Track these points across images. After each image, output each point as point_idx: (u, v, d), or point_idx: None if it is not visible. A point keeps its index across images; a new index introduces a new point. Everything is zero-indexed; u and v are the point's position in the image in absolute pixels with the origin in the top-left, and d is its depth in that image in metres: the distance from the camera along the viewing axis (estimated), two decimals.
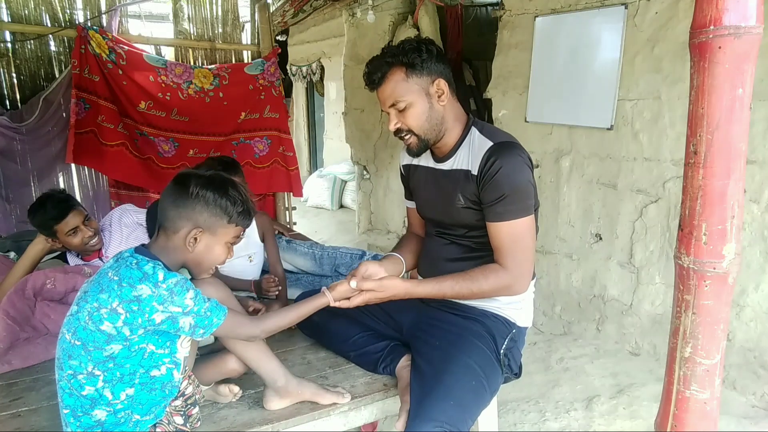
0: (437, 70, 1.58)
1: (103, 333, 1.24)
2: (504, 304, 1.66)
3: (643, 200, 2.91)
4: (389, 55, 1.56)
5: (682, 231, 1.11)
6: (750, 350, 2.56)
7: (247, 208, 1.43)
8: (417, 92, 1.56)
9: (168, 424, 1.39)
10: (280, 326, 1.48)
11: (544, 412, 2.52)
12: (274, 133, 3.94)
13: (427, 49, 1.56)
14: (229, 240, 1.43)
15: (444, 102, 1.60)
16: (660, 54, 2.73)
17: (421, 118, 1.57)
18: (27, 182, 3.34)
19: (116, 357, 1.27)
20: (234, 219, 1.40)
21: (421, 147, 1.62)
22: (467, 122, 1.65)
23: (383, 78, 1.57)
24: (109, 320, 1.24)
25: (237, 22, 3.97)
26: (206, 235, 1.38)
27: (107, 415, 1.29)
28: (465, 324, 1.62)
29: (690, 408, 1.15)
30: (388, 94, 1.57)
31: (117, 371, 1.28)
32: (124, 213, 2.55)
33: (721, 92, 1.01)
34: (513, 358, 1.64)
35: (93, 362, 1.26)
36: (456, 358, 1.50)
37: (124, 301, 1.23)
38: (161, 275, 1.26)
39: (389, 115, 1.61)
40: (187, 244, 1.36)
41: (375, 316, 1.80)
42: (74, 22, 3.36)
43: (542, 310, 3.49)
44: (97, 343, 1.25)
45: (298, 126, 8.58)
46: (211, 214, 1.36)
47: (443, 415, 1.35)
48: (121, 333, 1.25)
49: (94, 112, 3.35)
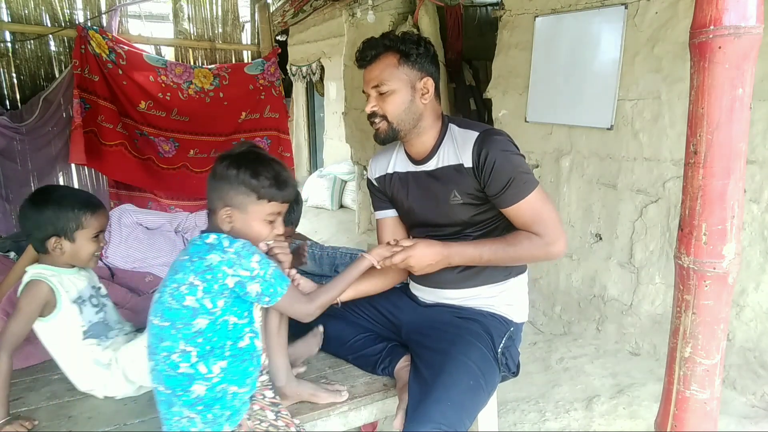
0: (428, 69, 1.59)
1: (188, 308, 1.29)
2: (500, 303, 1.66)
3: (643, 200, 2.91)
4: (388, 39, 1.58)
5: (682, 231, 1.11)
6: (750, 350, 2.56)
7: (278, 181, 1.36)
8: (403, 82, 1.56)
9: (262, 398, 1.42)
10: (332, 299, 1.49)
11: (544, 412, 2.52)
12: (274, 134, 3.94)
13: (425, 45, 1.58)
14: (265, 217, 1.37)
15: (426, 101, 1.60)
16: (660, 54, 2.73)
17: (400, 107, 1.57)
18: (27, 182, 3.34)
19: (204, 331, 1.30)
20: (264, 194, 1.35)
21: (389, 135, 1.60)
22: (443, 121, 1.66)
23: (375, 57, 1.57)
24: (190, 294, 1.28)
25: (237, 22, 3.97)
26: (237, 213, 1.35)
27: (206, 389, 1.32)
28: (462, 324, 1.62)
29: (690, 408, 1.15)
30: (375, 75, 1.57)
31: (207, 345, 1.31)
32: (124, 213, 2.55)
33: (721, 92, 1.01)
34: (511, 357, 1.64)
35: (183, 339, 1.30)
36: (454, 358, 1.50)
37: (198, 273, 1.28)
38: (226, 242, 1.30)
39: (368, 97, 1.60)
40: (222, 224, 1.36)
41: (372, 319, 1.79)
42: (74, 22, 3.36)
43: (542, 310, 3.49)
44: (184, 319, 1.29)
45: (298, 126, 8.58)
46: (236, 192, 1.34)
47: (441, 417, 1.35)
48: (203, 306, 1.29)
49: (94, 112, 3.35)
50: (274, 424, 1.39)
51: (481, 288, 1.67)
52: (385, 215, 1.82)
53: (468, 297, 1.68)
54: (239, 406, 1.36)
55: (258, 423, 1.37)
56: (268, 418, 1.40)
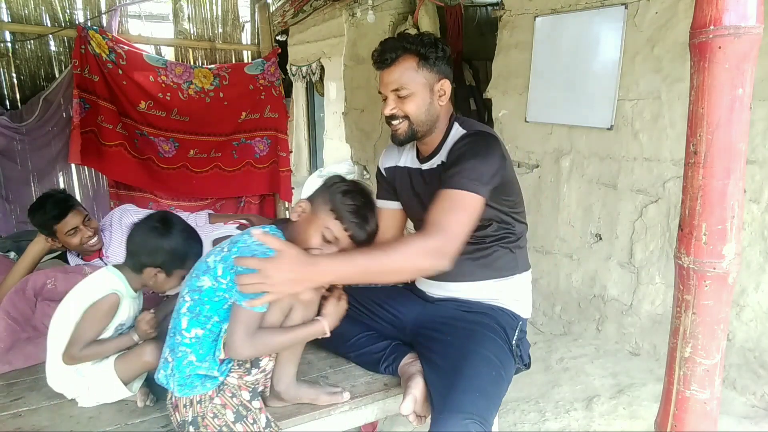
0: (445, 71, 1.61)
1: (205, 263, 1.40)
2: (507, 298, 1.68)
3: (643, 200, 2.91)
4: (407, 41, 1.57)
5: (682, 231, 1.11)
6: (750, 350, 2.56)
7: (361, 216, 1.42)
8: (423, 85, 1.57)
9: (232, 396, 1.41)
10: (272, 350, 1.42)
11: (544, 412, 2.52)
12: (273, 133, 3.94)
13: (443, 48, 1.59)
14: (324, 231, 1.40)
15: (443, 103, 1.62)
16: (660, 54, 2.73)
17: (420, 109, 1.58)
18: (27, 182, 3.34)
19: (204, 291, 1.37)
20: (341, 215, 1.41)
21: (408, 136, 1.62)
22: (450, 121, 1.66)
23: (395, 60, 1.57)
24: (214, 255, 1.39)
25: (237, 22, 3.98)
26: (310, 213, 1.44)
27: (177, 343, 1.40)
28: (474, 318, 1.63)
29: (690, 408, 1.15)
30: (395, 78, 1.57)
31: (198, 307, 1.37)
32: (125, 213, 2.55)
33: (721, 92, 1.01)
34: (524, 349, 1.67)
35: (188, 287, 1.40)
36: (473, 351, 1.50)
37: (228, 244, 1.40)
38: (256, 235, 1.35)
39: (387, 99, 1.60)
40: (293, 213, 1.47)
41: (376, 317, 1.80)
42: (74, 22, 3.36)
43: (542, 310, 3.49)
44: (197, 271, 1.40)
45: (298, 126, 8.57)
46: (325, 199, 1.44)
47: (471, 407, 1.34)
48: (214, 268, 1.36)
49: (94, 112, 3.35)
50: (229, 423, 1.38)
51: (488, 282, 1.68)
52: (384, 205, 1.82)
53: (475, 290, 1.68)
54: (189, 379, 1.37)
55: (212, 417, 1.37)
56: (227, 417, 1.38)
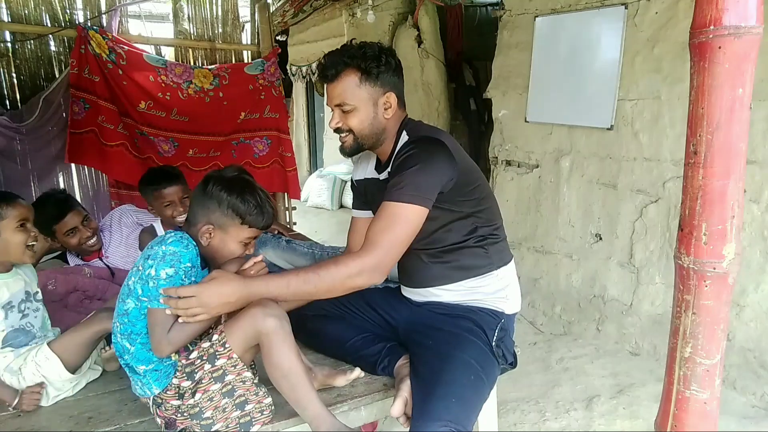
0: (391, 82, 1.59)
1: (127, 286, 1.40)
2: (488, 296, 1.66)
3: (643, 200, 2.91)
4: (348, 56, 1.55)
5: (682, 231, 1.11)
6: (750, 350, 2.56)
7: (262, 210, 1.45)
8: (365, 100, 1.57)
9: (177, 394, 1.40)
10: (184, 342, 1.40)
11: (544, 412, 2.52)
12: (274, 133, 3.94)
13: (386, 60, 1.56)
14: (243, 239, 1.46)
15: (389, 116, 1.61)
16: (660, 54, 2.74)
17: (364, 123, 1.58)
18: (27, 182, 3.33)
19: (130, 313, 1.38)
20: (248, 221, 1.43)
21: (354, 148, 1.63)
22: (400, 128, 1.64)
23: (336, 76, 1.56)
24: (132, 275, 1.39)
25: (237, 22, 3.97)
26: (218, 233, 1.43)
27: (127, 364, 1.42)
28: (454, 321, 1.63)
29: (690, 408, 1.15)
30: (337, 94, 1.57)
31: (129, 329, 1.39)
32: (124, 213, 2.56)
33: (721, 92, 1.01)
34: (506, 348, 1.65)
35: (116, 312, 1.42)
36: (451, 356, 1.51)
37: (143, 258, 1.38)
38: (170, 241, 1.36)
39: (333, 112, 1.61)
40: (201, 237, 1.42)
41: (371, 320, 1.81)
42: (74, 22, 3.36)
43: (542, 310, 3.49)
44: (122, 296, 1.41)
45: (298, 126, 8.57)
46: (222, 213, 1.42)
47: (446, 413, 1.35)
48: (135, 290, 1.37)
49: (94, 112, 3.34)
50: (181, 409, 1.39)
51: (463, 282, 1.66)
52: (358, 215, 1.85)
53: (452, 292, 1.68)
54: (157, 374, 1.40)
55: (157, 405, 1.42)
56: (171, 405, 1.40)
